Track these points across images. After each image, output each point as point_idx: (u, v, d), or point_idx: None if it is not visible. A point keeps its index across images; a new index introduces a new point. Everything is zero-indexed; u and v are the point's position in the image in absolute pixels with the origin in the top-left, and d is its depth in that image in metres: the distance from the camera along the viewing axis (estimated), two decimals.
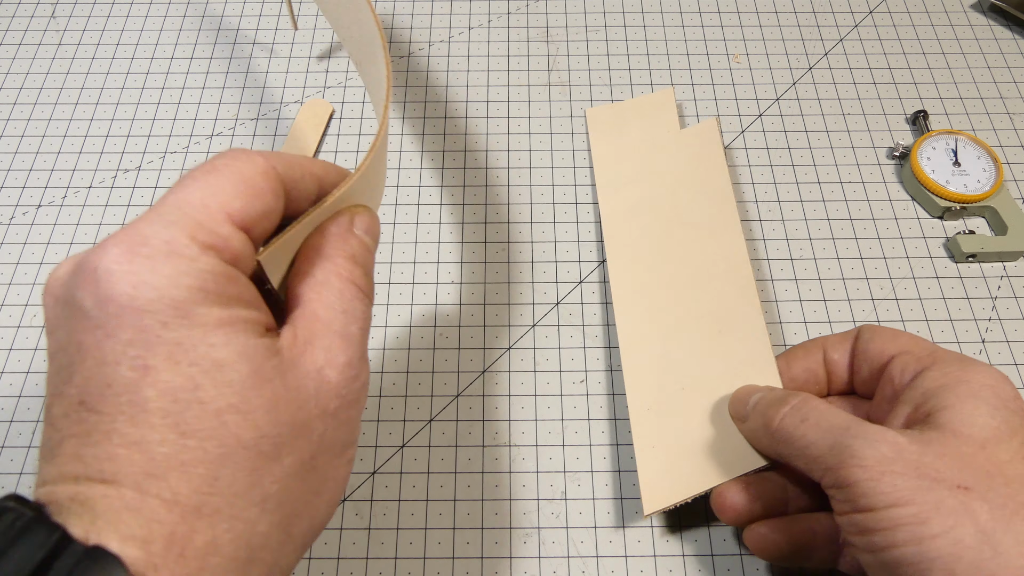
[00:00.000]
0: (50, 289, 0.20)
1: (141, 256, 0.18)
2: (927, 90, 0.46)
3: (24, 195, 0.42)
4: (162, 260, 0.18)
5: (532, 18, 0.49)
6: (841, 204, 0.42)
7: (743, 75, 0.46)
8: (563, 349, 0.37)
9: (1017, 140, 0.44)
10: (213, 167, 0.20)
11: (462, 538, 0.33)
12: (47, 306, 0.20)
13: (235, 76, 0.46)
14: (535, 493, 0.34)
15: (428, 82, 0.46)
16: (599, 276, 0.39)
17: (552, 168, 0.43)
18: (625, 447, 0.35)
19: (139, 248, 0.18)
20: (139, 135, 0.44)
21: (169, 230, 0.19)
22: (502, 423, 0.35)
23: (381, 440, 0.35)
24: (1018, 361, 0.37)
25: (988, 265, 0.40)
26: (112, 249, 0.18)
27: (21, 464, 0.34)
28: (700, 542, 0.33)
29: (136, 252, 0.18)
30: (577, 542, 0.33)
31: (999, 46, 0.48)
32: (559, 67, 0.47)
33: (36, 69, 0.47)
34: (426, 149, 0.44)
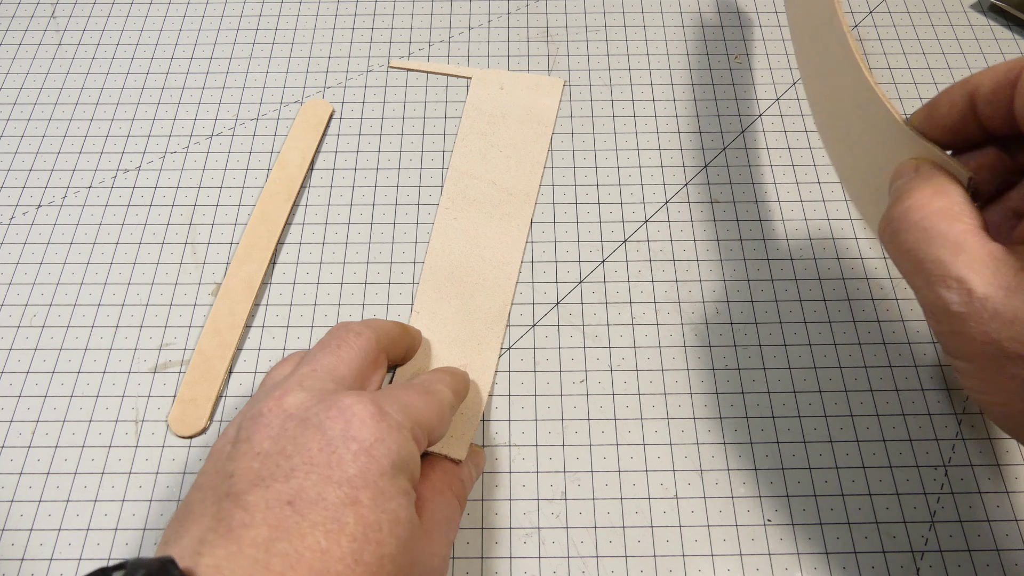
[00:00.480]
0: (286, 408, 0.25)
1: (385, 423, 0.24)
2: (927, 90, 0.46)
3: (24, 195, 0.42)
4: (396, 432, 0.25)
5: (532, 18, 0.49)
6: (841, 204, 0.42)
7: (743, 75, 0.46)
8: (563, 349, 0.37)
9: None
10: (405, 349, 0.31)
11: (462, 538, 0.33)
12: (275, 416, 0.24)
13: (235, 76, 0.46)
14: (535, 493, 0.34)
15: (428, 82, 0.46)
16: (599, 276, 0.39)
17: (552, 168, 0.43)
18: (625, 447, 0.35)
19: (384, 416, 0.25)
20: (139, 135, 0.44)
21: (414, 415, 0.26)
22: (502, 423, 0.35)
23: None
24: None
25: None
26: (368, 406, 0.25)
27: (21, 464, 0.34)
28: (700, 542, 0.33)
29: (382, 419, 0.24)
30: (577, 542, 0.33)
31: (999, 46, 0.48)
32: (559, 67, 0.47)
33: (36, 69, 0.47)
34: (426, 149, 0.44)
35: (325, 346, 0.28)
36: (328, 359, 0.27)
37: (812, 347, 0.37)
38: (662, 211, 0.41)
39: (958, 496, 0.34)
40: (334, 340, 0.28)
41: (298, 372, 0.27)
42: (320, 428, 0.24)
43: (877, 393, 0.36)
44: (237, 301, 0.38)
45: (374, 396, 0.25)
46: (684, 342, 0.37)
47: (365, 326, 0.30)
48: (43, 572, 0.32)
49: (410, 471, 0.25)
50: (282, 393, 0.25)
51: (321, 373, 0.26)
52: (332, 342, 0.28)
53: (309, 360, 0.27)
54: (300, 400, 0.25)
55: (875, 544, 0.33)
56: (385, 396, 0.26)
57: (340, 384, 0.26)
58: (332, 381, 0.26)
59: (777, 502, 0.34)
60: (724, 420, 0.35)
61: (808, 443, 0.35)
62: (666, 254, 0.40)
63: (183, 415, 0.35)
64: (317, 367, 0.27)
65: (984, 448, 0.35)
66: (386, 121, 0.45)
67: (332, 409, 0.24)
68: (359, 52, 0.47)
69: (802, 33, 0.36)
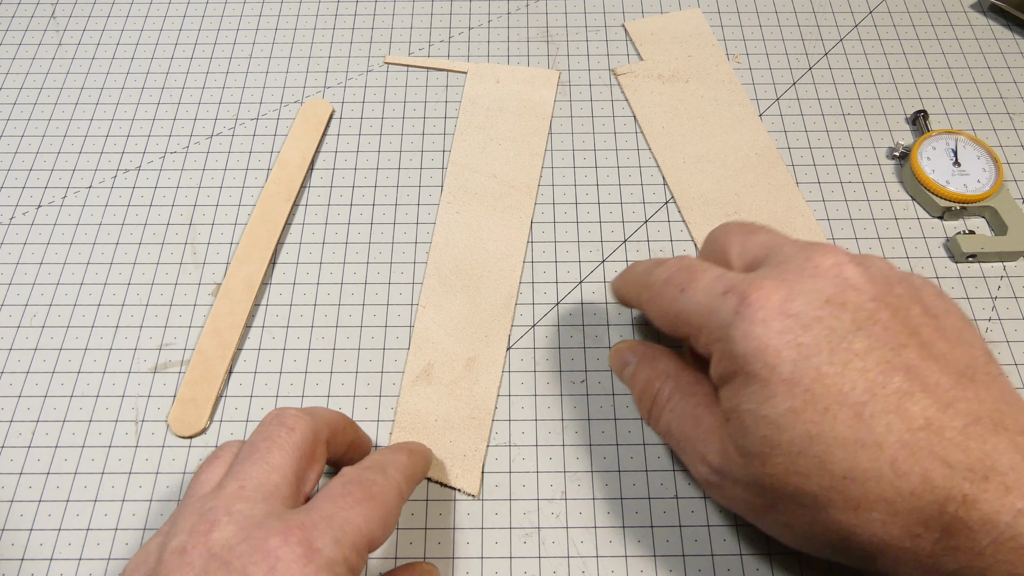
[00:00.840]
0: (210, 547, 0.23)
1: (313, 566, 0.23)
2: (927, 90, 0.46)
3: (24, 195, 0.42)
4: (326, 572, 0.23)
5: (532, 18, 0.49)
6: (841, 204, 0.42)
7: (743, 75, 0.46)
8: (563, 349, 0.37)
9: (1017, 140, 0.44)
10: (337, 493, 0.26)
11: (462, 538, 0.33)
12: (198, 555, 0.23)
13: (235, 76, 0.46)
14: (535, 493, 0.34)
15: (428, 82, 0.46)
16: (599, 276, 0.39)
17: (552, 168, 0.43)
18: (625, 447, 0.35)
19: (313, 557, 0.23)
20: (139, 135, 0.44)
21: (351, 538, 0.24)
22: (502, 423, 0.35)
23: (381, 440, 0.35)
24: (1018, 361, 0.37)
25: (988, 265, 0.40)
26: (295, 548, 0.23)
27: (21, 464, 0.34)
28: (700, 542, 0.33)
29: (310, 561, 0.23)
30: (577, 542, 0.33)
31: (999, 46, 0.48)
32: (559, 67, 0.47)
33: (36, 69, 0.47)
34: (426, 149, 0.44)
35: (254, 450, 0.26)
36: (257, 470, 0.26)
37: None
38: (662, 211, 0.41)
39: None
40: (263, 442, 0.27)
41: (225, 490, 0.25)
42: (243, 573, 0.23)
43: None
44: (237, 301, 0.38)
45: (304, 529, 0.24)
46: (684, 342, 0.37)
47: (300, 417, 0.28)
48: (43, 572, 0.32)
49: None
50: (208, 527, 0.24)
51: (249, 491, 0.25)
52: (262, 445, 0.27)
53: (238, 473, 0.26)
54: (226, 537, 0.24)
55: None
56: (318, 524, 0.24)
57: (271, 501, 0.25)
58: (262, 501, 0.25)
59: None
60: None
61: None
62: (666, 254, 0.40)
63: (183, 415, 0.35)
64: (246, 483, 0.25)
65: None
66: (386, 121, 0.45)
67: (256, 553, 0.23)
68: (359, 52, 0.47)
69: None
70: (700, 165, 0.42)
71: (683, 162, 0.43)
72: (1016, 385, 0.36)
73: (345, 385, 0.36)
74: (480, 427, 0.35)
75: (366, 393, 0.36)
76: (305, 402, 0.36)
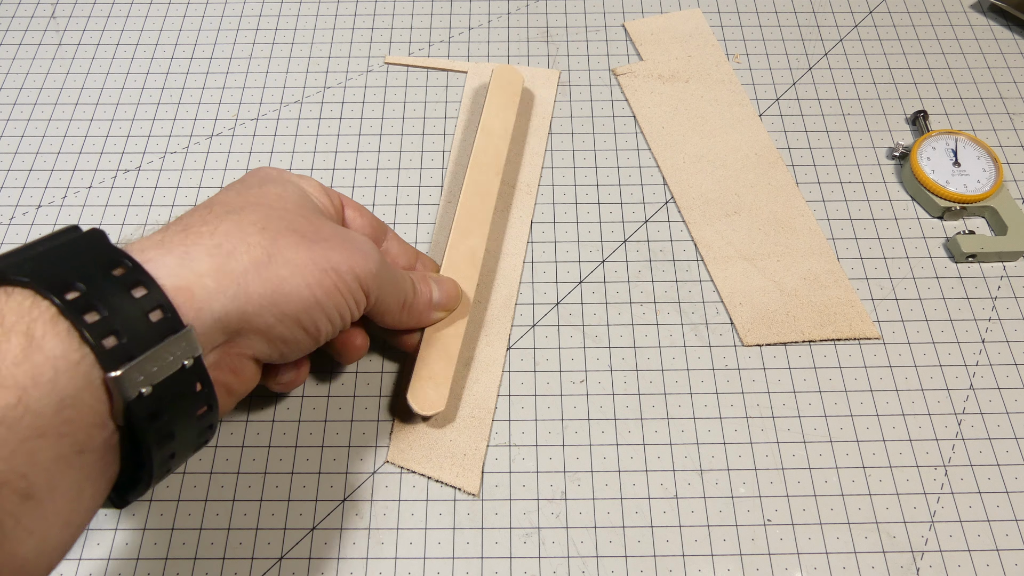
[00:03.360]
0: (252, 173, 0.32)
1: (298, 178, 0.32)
2: (927, 90, 0.46)
3: (24, 195, 0.42)
4: (307, 180, 0.32)
5: (532, 18, 0.49)
6: (841, 204, 0.42)
7: (743, 75, 0.46)
8: (563, 349, 0.37)
9: (1017, 140, 0.44)
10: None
11: (462, 538, 0.33)
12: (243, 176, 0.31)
13: (235, 76, 0.46)
14: (535, 493, 0.34)
15: (428, 82, 0.46)
16: (599, 276, 0.39)
17: (552, 168, 0.43)
18: (625, 447, 0.35)
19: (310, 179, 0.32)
20: (139, 135, 0.44)
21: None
22: (502, 423, 0.35)
23: (381, 440, 0.35)
24: (1018, 361, 0.37)
25: (988, 265, 0.40)
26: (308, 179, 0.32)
27: None
28: (700, 542, 0.33)
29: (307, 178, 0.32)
30: (577, 542, 0.33)
31: (999, 46, 0.48)
32: (559, 67, 0.47)
33: (36, 69, 0.47)
34: (426, 149, 0.43)
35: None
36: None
37: (812, 346, 0.37)
38: (662, 211, 0.41)
39: (958, 496, 0.34)
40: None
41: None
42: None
43: (877, 393, 0.36)
44: (464, 277, 0.37)
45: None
46: (684, 342, 0.37)
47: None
48: None
49: (307, 190, 0.31)
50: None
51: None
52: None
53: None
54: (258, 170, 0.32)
55: (875, 544, 0.33)
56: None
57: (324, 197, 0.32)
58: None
59: (777, 502, 0.34)
60: (724, 420, 0.35)
61: (808, 443, 0.35)
62: (666, 254, 0.40)
63: (423, 393, 0.34)
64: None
65: (984, 448, 0.35)
66: (386, 121, 0.44)
67: (271, 172, 0.31)
68: (359, 52, 0.47)
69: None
70: (700, 165, 0.42)
71: (683, 162, 0.43)
72: (1016, 385, 0.36)
73: (345, 385, 0.36)
74: (480, 427, 0.35)
75: (366, 393, 0.36)
76: (305, 402, 0.36)
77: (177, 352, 0.23)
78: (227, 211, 0.27)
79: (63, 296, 0.22)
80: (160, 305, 0.23)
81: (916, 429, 0.35)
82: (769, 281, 0.39)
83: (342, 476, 0.34)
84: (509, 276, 0.39)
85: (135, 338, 0.22)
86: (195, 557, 0.32)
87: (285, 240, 0.27)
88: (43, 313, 0.21)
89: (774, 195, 0.41)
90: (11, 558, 0.20)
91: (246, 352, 0.28)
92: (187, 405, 0.24)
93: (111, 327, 0.22)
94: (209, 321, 0.25)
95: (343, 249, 0.29)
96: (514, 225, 0.40)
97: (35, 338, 0.21)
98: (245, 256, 0.26)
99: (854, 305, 0.38)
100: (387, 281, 0.31)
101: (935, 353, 0.37)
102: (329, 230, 0.29)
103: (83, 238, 0.24)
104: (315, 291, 0.27)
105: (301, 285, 0.27)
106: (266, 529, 0.33)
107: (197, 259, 0.25)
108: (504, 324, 0.38)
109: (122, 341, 0.22)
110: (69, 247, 0.24)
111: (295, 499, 0.33)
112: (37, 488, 0.21)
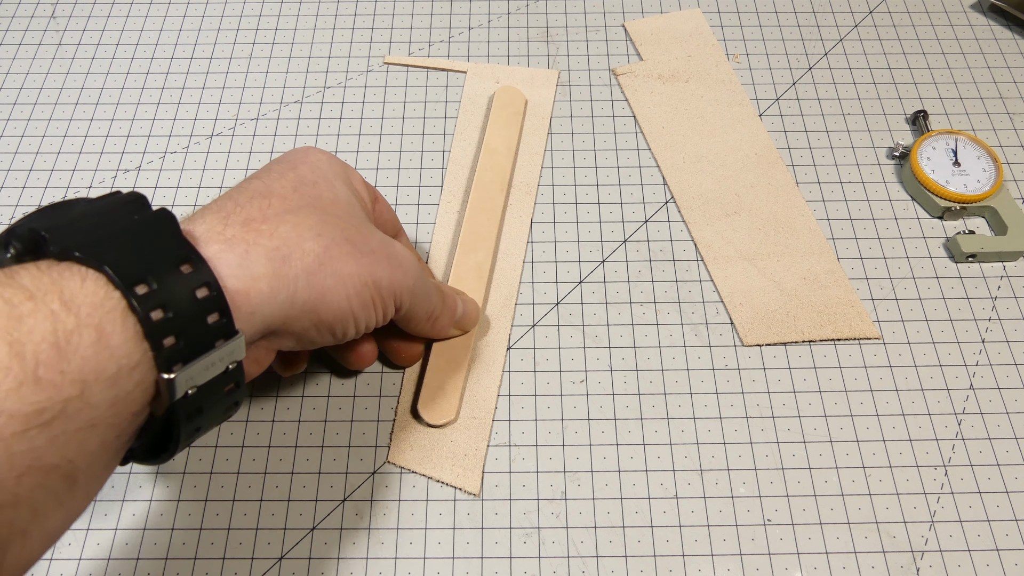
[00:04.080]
0: (281, 160, 0.31)
1: (332, 157, 0.32)
2: (927, 90, 0.46)
3: (24, 195, 0.42)
4: (339, 163, 0.32)
5: (532, 18, 0.49)
6: (841, 204, 0.42)
7: (743, 75, 0.46)
8: (563, 349, 0.37)
9: (1017, 140, 0.44)
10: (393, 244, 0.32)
11: (462, 538, 0.33)
12: (272, 162, 0.31)
13: (235, 76, 0.46)
14: (535, 493, 0.34)
15: (428, 82, 0.46)
16: (599, 276, 0.39)
17: (552, 168, 0.43)
18: (625, 447, 0.35)
19: (335, 156, 0.32)
20: (139, 135, 0.44)
21: (352, 173, 0.32)
22: (502, 423, 0.35)
23: (381, 440, 0.35)
24: (1018, 361, 0.37)
25: (988, 265, 0.40)
26: (326, 154, 0.32)
27: None
28: (700, 542, 0.33)
29: (332, 156, 0.32)
30: (577, 542, 0.33)
31: (999, 46, 0.48)
32: (559, 67, 0.47)
33: (36, 69, 0.47)
34: (426, 149, 0.43)
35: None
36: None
37: (812, 346, 0.37)
38: (662, 211, 0.41)
39: (958, 496, 0.34)
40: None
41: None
42: (288, 157, 0.31)
43: (877, 393, 0.36)
44: (471, 289, 0.38)
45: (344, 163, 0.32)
46: (684, 342, 0.37)
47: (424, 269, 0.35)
48: (43, 572, 0.32)
49: (351, 181, 0.31)
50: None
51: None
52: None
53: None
54: (290, 156, 0.31)
55: (875, 544, 0.33)
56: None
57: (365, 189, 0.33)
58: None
59: (777, 502, 0.34)
60: (724, 420, 0.35)
61: (808, 443, 0.35)
62: (666, 254, 0.40)
63: (434, 403, 0.35)
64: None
65: (984, 448, 0.35)
66: (386, 121, 0.45)
67: (298, 153, 0.31)
68: (359, 52, 0.47)
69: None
70: (700, 165, 0.42)
71: (683, 162, 0.43)
72: (1016, 385, 0.36)
73: (345, 385, 0.36)
74: (480, 427, 0.35)
75: (366, 393, 0.36)
76: (305, 402, 0.36)
77: (225, 355, 0.24)
78: (286, 209, 0.27)
79: (134, 290, 0.22)
80: (220, 309, 0.23)
81: (916, 429, 0.35)
82: (769, 281, 0.39)
83: (342, 476, 0.34)
84: (509, 276, 0.39)
85: (192, 341, 0.23)
86: (195, 557, 0.32)
87: (338, 249, 0.27)
88: (115, 307, 0.21)
89: (774, 195, 0.41)
90: (44, 532, 0.21)
91: (273, 345, 0.29)
92: (221, 396, 0.25)
93: (173, 327, 0.22)
94: (258, 325, 0.25)
95: (387, 264, 0.29)
96: (514, 225, 0.40)
97: (105, 333, 0.21)
98: (299, 263, 0.26)
99: (854, 305, 0.38)
100: (421, 295, 0.32)
101: (935, 353, 0.37)
102: (376, 242, 0.29)
103: (154, 218, 0.24)
104: (353, 302, 0.28)
105: (342, 296, 0.28)
106: (266, 529, 0.33)
107: (256, 261, 0.25)
108: (504, 324, 0.38)
109: (179, 344, 0.22)
110: (141, 228, 0.23)
111: (295, 499, 0.33)
112: (80, 471, 0.21)
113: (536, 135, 0.43)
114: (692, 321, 0.38)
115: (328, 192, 0.29)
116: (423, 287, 0.32)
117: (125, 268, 0.22)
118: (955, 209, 0.40)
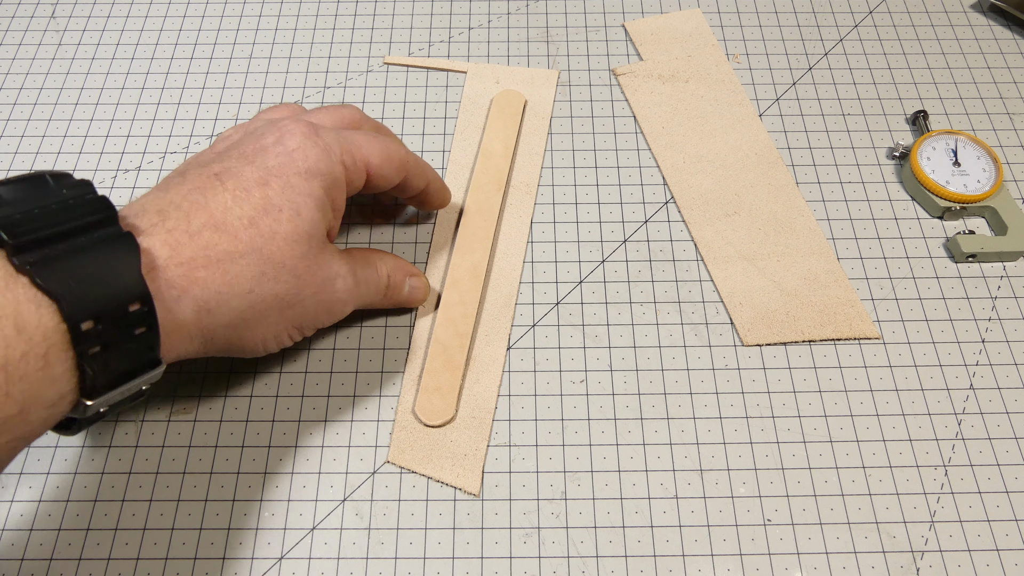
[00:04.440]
0: (247, 128, 0.32)
1: (313, 140, 0.30)
2: (927, 90, 0.46)
3: None
4: (321, 149, 0.30)
5: (532, 18, 0.49)
6: (841, 204, 0.42)
7: (743, 75, 0.46)
8: (563, 349, 0.37)
9: (1017, 140, 0.44)
10: (380, 133, 0.33)
11: (462, 538, 0.33)
12: (237, 132, 0.32)
13: (235, 76, 0.46)
14: (535, 493, 0.34)
15: (428, 82, 0.46)
16: (599, 276, 0.39)
17: (552, 168, 0.43)
18: (625, 447, 0.35)
19: (315, 134, 0.30)
20: (139, 135, 0.44)
21: (350, 147, 0.31)
22: (502, 423, 0.35)
23: (381, 440, 0.35)
24: (1018, 361, 0.37)
25: (988, 265, 0.40)
26: (302, 125, 0.30)
27: (21, 464, 0.34)
28: (700, 542, 0.33)
29: (312, 135, 0.30)
30: (577, 542, 0.33)
31: (999, 46, 0.48)
32: (559, 67, 0.47)
33: (36, 69, 0.47)
34: (426, 149, 0.44)
35: (370, 124, 0.35)
36: (357, 137, 0.32)
37: (812, 346, 0.37)
38: (662, 211, 0.41)
39: (958, 496, 0.34)
40: (381, 127, 0.36)
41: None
42: (259, 136, 0.30)
43: (877, 393, 0.36)
44: (466, 290, 0.38)
45: (313, 124, 0.30)
46: (684, 342, 0.37)
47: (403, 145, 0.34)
48: (43, 572, 0.32)
49: (327, 185, 0.30)
50: (249, 121, 0.32)
51: (336, 137, 0.31)
52: (381, 128, 0.36)
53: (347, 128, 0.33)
54: (256, 126, 0.31)
55: (875, 544, 0.33)
56: (326, 125, 0.31)
57: (347, 153, 0.31)
58: (339, 148, 0.31)
59: (777, 502, 0.34)
60: (724, 420, 0.35)
61: (808, 443, 0.35)
62: (666, 254, 0.40)
63: (430, 404, 0.35)
64: (341, 133, 0.32)
65: (984, 448, 0.35)
66: (386, 121, 0.44)
67: (273, 126, 0.30)
68: (359, 52, 0.47)
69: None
70: (700, 165, 0.42)
71: (683, 162, 0.43)
72: (1016, 385, 0.36)
73: (345, 385, 0.36)
74: (480, 427, 0.35)
75: (366, 393, 0.36)
76: (305, 401, 0.36)
77: (144, 382, 0.26)
78: (229, 255, 0.27)
79: (80, 327, 0.23)
80: (151, 346, 0.25)
81: (916, 429, 0.35)
82: (769, 281, 0.39)
83: (342, 476, 0.34)
84: (509, 276, 0.39)
85: (119, 372, 0.24)
86: (195, 557, 0.32)
87: (264, 306, 0.29)
88: (62, 338, 0.23)
89: (774, 195, 0.41)
90: None
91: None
92: (129, 402, 0.27)
93: (106, 364, 0.24)
94: (174, 357, 0.28)
95: (314, 310, 0.31)
96: (514, 225, 0.40)
97: (50, 362, 0.22)
98: (223, 317, 0.28)
99: (854, 305, 0.38)
100: (358, 305, 0.34)
101: (935, 353, 0.37)
102: (311, 287, 0.30)
103: (118, 240, 0.24)
104: (269, 344, 0.31)
105: (258, 341, 0.30)
106: (266, 529, 0.33)
107: (185, 309, 0.26)
108: (504, 324, 0.38)
109: (108, 375, 0.24)
110: (104, 253, 0.24)
111: (295, 499, 0.33)
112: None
113: (536, 135, 0.44)
114: (692, 321, 0.38)
115: (287, 225, 0.28)
116: (361, 302, 0.34)
117: (78, 304, 0.23)
118: (955, 209, 0.41)
